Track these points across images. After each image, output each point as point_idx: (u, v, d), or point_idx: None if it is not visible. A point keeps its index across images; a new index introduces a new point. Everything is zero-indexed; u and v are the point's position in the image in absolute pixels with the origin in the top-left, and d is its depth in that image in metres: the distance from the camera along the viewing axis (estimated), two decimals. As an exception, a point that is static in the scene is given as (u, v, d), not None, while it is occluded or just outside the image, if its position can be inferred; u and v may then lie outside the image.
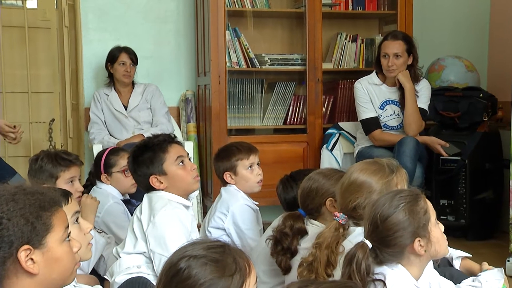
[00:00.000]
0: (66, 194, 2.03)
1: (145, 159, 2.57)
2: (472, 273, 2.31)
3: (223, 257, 1.37)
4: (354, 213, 2.16)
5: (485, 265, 2.35)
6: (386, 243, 1.82)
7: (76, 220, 2.00)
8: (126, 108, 4.41)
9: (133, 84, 4.47)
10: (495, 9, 4.88)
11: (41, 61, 4.63)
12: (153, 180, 2.56)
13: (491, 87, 4.70)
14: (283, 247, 2.46)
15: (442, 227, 1.93)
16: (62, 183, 2.78)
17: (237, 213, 3.04)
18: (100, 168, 3.31)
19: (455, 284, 2.16)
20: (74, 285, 1.97)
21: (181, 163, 2.60)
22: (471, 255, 2.56)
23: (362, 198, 2.13)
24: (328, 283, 1.12)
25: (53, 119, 4.50)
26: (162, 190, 2.57)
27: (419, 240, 1.83)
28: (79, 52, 4.54)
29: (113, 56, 4.34)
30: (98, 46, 4.58)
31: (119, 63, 4.33)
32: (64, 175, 2.85)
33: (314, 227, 2.39)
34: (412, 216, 1.82)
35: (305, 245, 2.33)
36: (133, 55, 4.35)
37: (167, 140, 2.63)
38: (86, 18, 4.61)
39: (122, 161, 3.27)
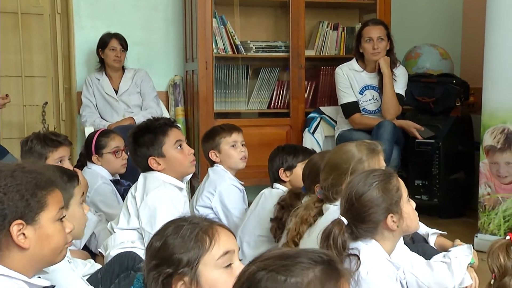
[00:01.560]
0: (73, 176, 2.04)
1: (145, 140, 2.56)
2: (445, 250, 2.32)
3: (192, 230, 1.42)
4: (334, 191, 2.19)
5: (458, 242, 2.39)
6: (361, 220, 1.84)
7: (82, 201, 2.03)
8: (116, 92, 4.39)
9: (123, 69, 4.44)
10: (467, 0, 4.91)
11: (35, 46, 4.61)
12: (151, 161, 2.56)
13: (464, 74, 4.73)
14: (277, 217, 2.53)
15: (413, 204, 1.95)
16: (51, 163, 2.77)
17: (224, 193, 3.08)
18: (91, 149, 3.31)
19: (427, 260, 2.17)
20: (68, 260, 1.98)
21: (179, 147, 2.61)
22: (445, 233, 2.60)
23: (339, 174, 2.16)
24: (302, 250, 1.14)
25: (46, 102, 4.48)
26: (159, 171, 2.57)
27: (391, 216, 1.85)
28: (71, 38, 4.51)
29: (103, 42, 4.31)
30: (90, 33, 4.54)
31: (110, 48, 4.30)
32: (53, 155, 2.84)
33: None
34: (385, 194, 1.84)
35: None
36: (123, 41, 4.33)
37: (168, 124, 2.63)
38: (78, 5, 4.55)
39: (113, 143, 3.27)
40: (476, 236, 3.59)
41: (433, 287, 2.06)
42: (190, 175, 2.84)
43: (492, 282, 1.51)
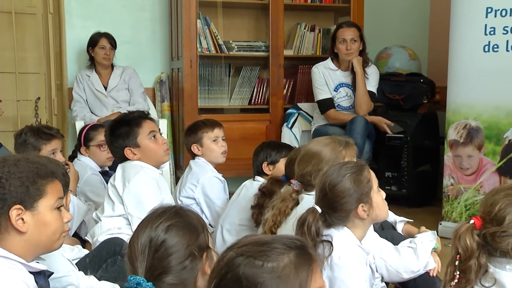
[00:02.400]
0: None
1: (121, 132, 2.58)
2: (411, 236, 2.34)
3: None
4: (307, 180, 2.21)
5: (423, 228, 2.39)
6: (334, 208, 1.85)
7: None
8: (106, 88, 4.36)
9: (112, 66, 4.41)
10: (434, 4, 4.94)
11: (28, 44, 4.57)
12: (127, 152, 2.58)
13: (431, 74, 4.76)
14: (258, 204, 2.54)
15: (383, 194, 1.96)
16: (44, 155, 2.76)
17: (206, 184, 3.08)
18: (81, 142, 3.30)
19: (395, 245, 2.20)
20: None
21: (153, 138, 2.62)
22: (412, 220, 2.63)
23: (313, 166, 2.18)
24: (276, 236, 1.15)
25: (39, 98, 4.45)
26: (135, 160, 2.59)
27: (362, 206, 1.86)
28: (63, 36, 4.46)
29: (93, 41, 4.29)
30: (80, 32, 4.49)
31: (99, 47, 4.27)
32: (46, 147, 2.83)
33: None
34: (356, 185, 1.85)
35: None
36: (112, 39, 4.30)
37: (142, 116, 2.65)
38: (70, 5, 4.51)
39: (99, 136, 3.26)
40: (440, 224, 3.63)
41: (400, 270, 2.09)
42: (166, 164, 2.85)
43: (456, 264, 1.51)
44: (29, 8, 4.31)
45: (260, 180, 2.88)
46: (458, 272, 1.49)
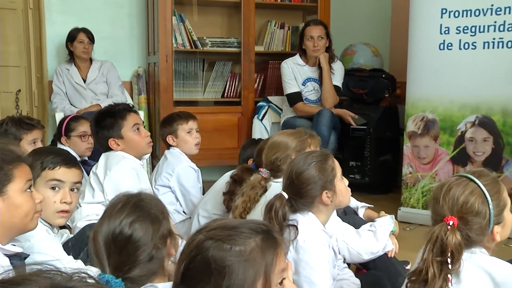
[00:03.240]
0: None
1: (106, 124, 2.56)
2: (371, 220, 2.38)
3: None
4: (274, 167, 2.23)
5: (382, 213, 2.43)
6: (300, 195, 1.87)
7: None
8: (84, 81, 4.32)
9: (91, 60, 4.37)
10: (395, 5, 4.98)
11: (10, 38, 4.48)
12: (111, 143, 2.57)
13: (392, 70, 4.79)
14: (229, 190, 2.55)
15: (346, 182, 1.98)
16: (25, 144, 2.74)
17: (181, 174, 3.06)
18: (61, 132, 3.27)
19: (357, 229, 2.23)
20: (50, 231, 1.97)
21: (136, 130, 2.61)
22: (372, 206, 2.67)
23: (280, 153, 2.20)
24: (243, 220, 1.16)
25: (19, 90, 4.39)
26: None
27: (326, 192, 1.87)
28: (42, 31, 4.40)
29: (72, 36, 4.24)
30: (60, 27, 4.43)
31: (78, 41, 4.23)
32: (27, 137, 2.80)
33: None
34: (321, 173, 1.86)
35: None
36: (90, 34, 4.26)
37: (127, 109, 2.63)
38: (50, 2, 4.44)
39: (81, 128, 3.23)
40: (400, 209, 3.69)
41: (361, 251, 2.13)
42: (148, 155, 2.85)
43: (450, 267, 1.46)
44: (10, 3, 4.24)
45: None
46: (450, 276, 1.47)
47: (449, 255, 1.46)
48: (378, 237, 2.16)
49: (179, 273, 1.07)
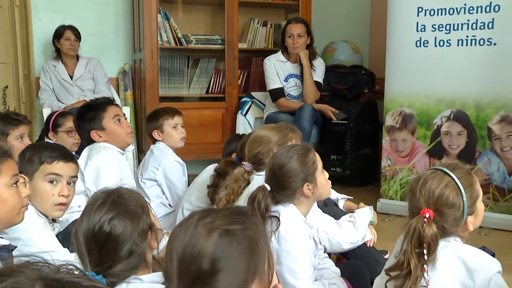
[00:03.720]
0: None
1: (88, 117, 2.59)
2: (351, 211, 2.40)
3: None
4: (257, 160, 2.24)
5: (361, 204, 2.45)
6: (282, 187, 1.88)
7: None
8: (71, 77, 4.29)
9: (77, 57, 4.34)
10: (374, 4, 5.00)
11: (-4, 35, 4.44)
12: (93, 134, 2.59)
13: (371, 66, 4.82)
14: (213, 183, 2.55)
15: (326, 175, 1.99)
16: (12, 139, 2.72)
17: (167, 168, 3.06)
18: (48, 127, 3.26)
19: (337, 220, 2.25)
20: (46, 223, 1.98)
21: (117, 121, 2.63)
22: (352, 197, 2.70)
23: (262, 147, 2.21)
24: (224, 210, 1.15)
25: (7, 86, 4.34)
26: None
27: (307, 185, 1.89)
28: (29, 28, 4.34)
29: (59, 33, 4.20)
30: (47, 24, 4.38)
31: (65, 38, 4.20)
32: (13, 132, 2.78)
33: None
34: (303, 166, 1.88)
35: None
36: (76, 31, 4.23)
37: (106, 101, 2.68)
38: (36, -1, 4.42)
39: (68, 123, 3.22)
40: (379, 201, 3.73)
41: (341, 241, 2.14)
42: (132, 147, 2.86)
43: (426, 257, 1.49)
44: (-4, 1, 4.19)
45: None
46: (426, 266, 1.49)
47: (425, 247, 1.48)
48: (358, 227, 2.18)
49: (173, 270, 1.07)
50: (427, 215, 1.50)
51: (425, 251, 1.48)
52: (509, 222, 3.29)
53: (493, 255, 1.62)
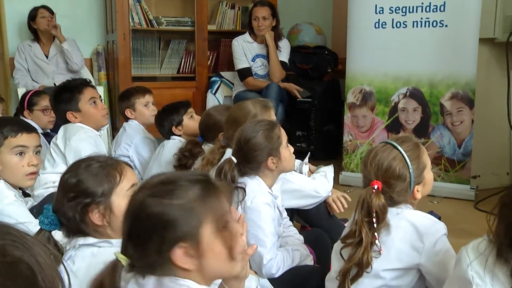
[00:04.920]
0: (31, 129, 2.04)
1: (64, 98, 2.54)
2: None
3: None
4: (231, 140, 2.24)
5: (321, 166, 2.47)
6: (247, 160, 1.88)
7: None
8: (47, 57, 4.19)
9: (53, 37, 4.22)
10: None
11: (-31, 17, 4.28)
12: (69, 115, 2.54)
13: (334, 47, 4.83)
14: (181, 164, 2.53)
15: (291, 149, 1.99)
16: None
17: (139, 144, 3.06)
18: (23, 106, 3.19)
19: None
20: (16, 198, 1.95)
21: (93, 103, 2.58)
22: (309, 155, 2.68)
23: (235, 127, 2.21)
24: (181, 173, 1.14)
25: (-19, 67, 4.21)
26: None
27: (272, 158, 1.89)
28: (2, 10, 4.21)
29: (33, 14, 4.09)
30: (19, 6, 4.24)
31: (40, 16, 4.08)
32: None
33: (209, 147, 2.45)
34: (268, 140, 1.88)
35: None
36: (49, 9, 4.11)
37: (84, 83, 2.61)
38: (8, -19, 4.27)
39: (43, 102, 3.16)
40: (341, 174, 3.78)
41: (318, 189, 2.22)
42: (106, 127, 2.82)
43: (375, 226, 1.51)
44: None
45: (176, 138, 2.88)
46: (376, 234, 1.52)
47: (374, 216, 1.51)
48: (328, 178, 2.27)
49: (125, 231, 1.05)
50: (376, 187, 1.53)
51: (374, 220, 1.51)
52: (458, 191, 3.39)
53: (439, 218, 1.66)
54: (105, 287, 1.03)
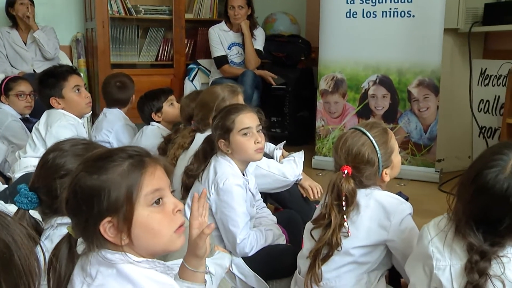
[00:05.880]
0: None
1: (48, 83, 2.49)
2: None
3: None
4: (200, 121, 2.24)
5: (292, 153, 2.46)
6: (212, 143, 1.92)
7: None
8: (25, 44, 4.08)
9: (33, 23, 4.12)
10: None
11: None
12: (52, 101, 2.50)
13: (308, 36, 4.82)
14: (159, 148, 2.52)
15: (261, 138, 1.93)
16: None
17: (120, 131, 3.05)
18: (0, 91, 3.13)
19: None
20: None
21: (77, 91, 2.54)
22: (284, 141, 2.64)
23: (204, 112, 2.21)
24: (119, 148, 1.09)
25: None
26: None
27: (222, 141, 1.88)
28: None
29: (11, 1, 3.96)
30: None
31: (19, 3, 3.94)
32: None
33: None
34: (216, 125, 1.90)
35: None
36: None
37: (69, 71, 2.57)
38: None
39: (18, 87, 3.11)
40: (314, 158, 3.80)
41: (287, 174, 2.22)
42: (88, 114, 2.78)
43: (344, 208, 1.52)
44: None
45: (155, 124, 2.87)
46: (345, 216, 1.53)
47: (343, 199, 1.52)
48: (297, 163, 2.28)
49: (63, 203, 1.04)
50: (346, 172, 1.54)
51: (343, 204, 1.52)
52: (424, 173, 3.44)
53: (407, 199, 1.68)
54: (60, 260, 1.02)
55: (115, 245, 1.02)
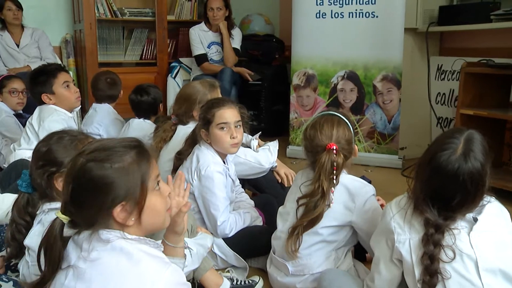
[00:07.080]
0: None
1: (39, 81, 2.48)
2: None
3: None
4: (186, 117, 2.23)
5: (267, 142, 2.48)
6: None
7: None
8: (18, 46, 3.99)
9: (22, 27, 4.02)
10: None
11: None
12: (44, 97, 2.49)
13: (281, 35, 4.83)
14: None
15: (239, 134, 1.91)
16: None
17: (109, 125, 3.04)
18: None
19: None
20: None
21: (66, 87, 2.52)
22: (260, 132, 2.64)
23: (185, 106, 2.20)
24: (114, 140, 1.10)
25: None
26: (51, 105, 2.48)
27: (203, 131, 1.90)
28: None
29: (1, 4, 3.87)
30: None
31: (7, 9, 3.86)
32: None
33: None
34: (204, 114, 1.90)
35: None
36: (16, 2, 3.89)
37: (58, 68, 2.57)
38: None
39: (11, 84, 3.06)
40: (288, 147, 3.82)
41: (262, 162, 2.22)
42: (78, 108, 2.76)
43: (334, 172, 1.54)
44: None
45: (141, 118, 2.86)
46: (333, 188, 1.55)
47: (335, 173, 1.54)
48: (272, 151, 2.29)
49: (67, 195, 1.03)
50: (334, 148, 1.54)
51: (334, 177, 1.54)
52: (388, 160, 3.49)
53: (369, 182, 1.71)
54: (50, 244, 1.02)
55: (118, 224, 1.03)
